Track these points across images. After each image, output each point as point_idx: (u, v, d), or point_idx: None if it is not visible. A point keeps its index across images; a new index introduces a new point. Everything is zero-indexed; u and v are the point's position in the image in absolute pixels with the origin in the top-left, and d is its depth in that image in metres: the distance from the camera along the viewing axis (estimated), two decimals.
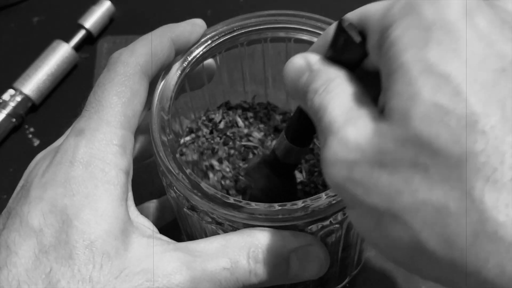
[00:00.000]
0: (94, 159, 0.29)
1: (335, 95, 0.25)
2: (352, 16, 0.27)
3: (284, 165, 0.35)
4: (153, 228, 0.31)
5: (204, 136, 0.40)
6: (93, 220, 0.28)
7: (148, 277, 0.28)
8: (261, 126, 0.41)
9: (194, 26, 0.36)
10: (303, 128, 0.32)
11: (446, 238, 0.20)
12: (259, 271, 0.30)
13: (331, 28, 0.28)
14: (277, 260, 0.30)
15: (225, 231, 0.32)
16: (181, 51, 0.36)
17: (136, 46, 0.33)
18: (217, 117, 0.41)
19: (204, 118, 0.41)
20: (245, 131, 0.40)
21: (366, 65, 0.27)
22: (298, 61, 0.28)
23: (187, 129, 0.41)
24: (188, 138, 0.40)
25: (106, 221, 0.28)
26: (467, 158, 0.20)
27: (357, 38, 0.26)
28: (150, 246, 0.29)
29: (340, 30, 0.26)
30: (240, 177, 0.37)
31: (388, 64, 0.23)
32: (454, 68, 0.21)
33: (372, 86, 0.26)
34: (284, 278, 0.31)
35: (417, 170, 0.21)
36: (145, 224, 0.31)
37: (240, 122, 0.41)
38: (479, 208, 0.20)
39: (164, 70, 0.35)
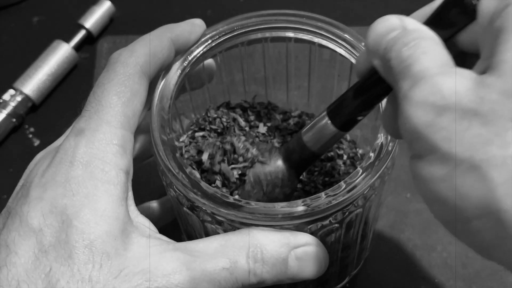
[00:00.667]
0: (94, 159, 0.29)
1: (428, 50, 0.24)
2: None
3: (311, 155, 0.35)
4: (153, 228, 0.31)
5: (206, 135, 0.40)
6: (93, 220, 0.28)
7: (147, 277, 0.28)
8: (261, 125, 0.41)
9: (193, 26, 0.36)
10: (360, 104, 0.31)
11: None
12: (258, 271, 0.30)
13: (437, 1, 0.28)
14: (276, 260, 0.30)
15: (225, 230, 0.32)
16: (180, 51, 0.36)
17: (136, 46, 0.33)
18: (218, 115, 0.41)
19: (205, 117, 0.42)
20: (247, 130, 0.40)
21: (456, 41, 0.27)
22: (392, 19, 0.27)
23: (188, 128, 0.41)
24: (186, 137, 0.40)
25: (106, 221, 0.28)
26: None
27: (474, 1, 0.25)
28: (150, 246, 0.29)
29: None
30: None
31: (506, 23, 0.22)
32: None
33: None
34: (283, 278, 0.31)
35: (510, 125, 0.21)
36: (145, 224, 0.31)
37: (242, 122, 0.41)
38: None
39: (164, 70, 0.35)
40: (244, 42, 0.38)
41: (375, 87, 0.29)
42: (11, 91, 0.52)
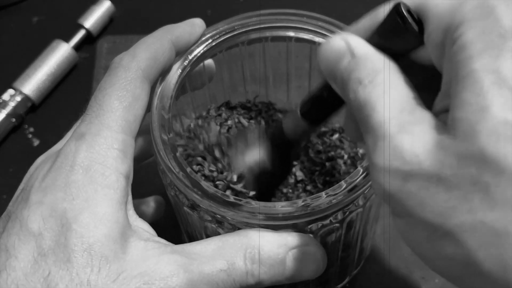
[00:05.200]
0: (94, 164, 0.29)
1: (384, 91, 0.23)
2: (409, 1, 0.25)
3: (286, 140, 0.35)
4: (152, 231, 0.31)
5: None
6: (92, 223, 0.28)
7: (145, 280, 0.28)
8: (263, 124, 0.41)
9: (193, 27, 0.36)
10: (323, 105, 0.31)
11: (503, 261, 0.20)
12: (256, 272, 0.30)
13: (381, 11, 0.26)
14: (273, 261, 0.30)
15: (225, 230, 0.32)
16: (181, 52, 0.36)
17: (137, 50, 0.33)
18: (220, 114, 0.41)
19: (205, 117, 0.42)
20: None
21: (414, 56, 0.25)
22: (338, 42, 0.26)
23: (189, 127, 0.41)
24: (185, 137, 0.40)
25: (105, 225, 0.28)
26: None
27: (415, 27, 0.24)
28: (147, 249, 0.29)
29: (397, 14, 0.24)
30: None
31: (456, 69, 0.21)
32: None
33: (414, 77, 0.25)
34: (281, 279, 0.31)
35: (478, 189, 0.20)
36: (144, 228, 0.31)
37: (245, 122, 0.41)
38: None
39: (165, 72, 0.35)
40: (244, 42, 0.38)
41: (335, 98, 0.28)
42: (11, 91, 0.52)
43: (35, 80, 0.53)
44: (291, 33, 0.37)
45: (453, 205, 0.21)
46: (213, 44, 0.37)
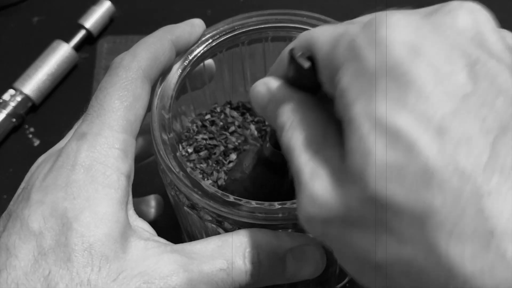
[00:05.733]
0: (95, 163, 0.29)
1: (300, 134, 0.25)
2: (300, 42, 0.26)
3: (269, 162, 0.35)
4: (151, 230, 0.31)
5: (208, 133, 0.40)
6: (93, 223, 0.28)
7: (145, 279, 0.28)
8: (253, 127, 0.41)
9: (193, 27, 0.36)
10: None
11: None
12: (255, 271, 0.30)
13: (285, 53, 0.28)
14: (273, 261, 0.30)
15: (225, 230, 0.32)
16: (181, 52, 0.36)
17: (138, 50, 0.33)
18: (221, 113, 0.41)
19: (206, 117, 0.42)
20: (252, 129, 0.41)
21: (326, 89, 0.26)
22: (260, 89, 0.28)
23: (190, 127, 0.41)
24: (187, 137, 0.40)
25: (106, 224, 0.28)
26: (427, 215, 0.19)
27: (306, 65, 0.25)
28: (147, 248, 0.29)
29: (291, 59, 0.26)
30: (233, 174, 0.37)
31: (342, 113, 0.22)
32: (404, 120, 0.20)
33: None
34: (280, 278, 0.31)
35: (383, 229, 0.21)
36: (143, 227, 0.31)
37: (241, 120, 0.41)
38: (446, 263, 0.19)
39: (165, 72, 0.35)
40: (244, 42, 0.38)
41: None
42: (11, 91, 0.52)
43: (35, 80, 0.53)
44: (291, 33, 0.37)
45: (369, 246, 0.21)
46: (213, 44, 0.37)
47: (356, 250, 0.22)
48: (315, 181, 0.23)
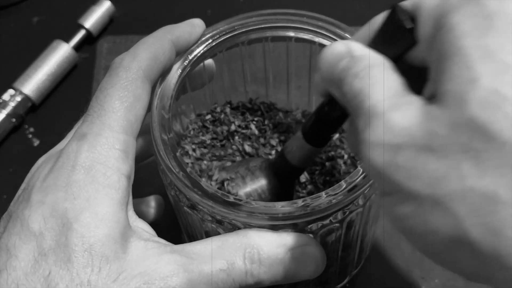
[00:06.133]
0: (96, 164, 0.29)
1: (378, 81, 0.24)
2: (406, 3, 0.26)
3: (294, 169, 0.35)
4: (151, 231, 0.31)
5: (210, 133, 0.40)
6: (93, 223, 0.28)
7: (145, 279, 0.28)
8: (253, 126, 0.41)
9: (193, 27, 0.36)
10: (324, 123, 0.32)
11: (492, 228, 0.20)
12: (255, 271, 0.30)
13: (379, 17, 0.27)
14: (273, 261, 0.30)
15: (225, 230, 0.32)
16: (180, 52, 0.36)
17: (138, 50, 0.33)
18: (222, 114, 0.41)
19: (206, 117, 0.42)
20: (255, 130, 0.41)
21: (409, 58, 0.26)
22: (339, 46, 0.27)
23: (190, 127, 0.41)
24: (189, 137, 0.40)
25: (106, 224, 0.28)
26: None
27: (409, 24, 0.25)
28: (147, 249, 0.29)
29: (393, 15, 0.25)
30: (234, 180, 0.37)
31: (444, 49, 0.22)
32: None
33: (412, 81, 0.25)
34: (280, 279, 0.31)
35: (468, 156, 0.20)
36: (143, 228, 0.31)
37: (253, 126, 0.41)
38: None
39: (165, 72, 0.35)
40: (244, 42, 0.38)
41: (336, 111, 0.30)
42: (11, 91, 0.52)
43: (35, 80, 0.53)
44: (291, 33, 0.37)
45: (443, 174, 0.21)
46: (213, 44, 0.37)
47: (424, 179, 0.22)
48: (396, 111, 0.23)
